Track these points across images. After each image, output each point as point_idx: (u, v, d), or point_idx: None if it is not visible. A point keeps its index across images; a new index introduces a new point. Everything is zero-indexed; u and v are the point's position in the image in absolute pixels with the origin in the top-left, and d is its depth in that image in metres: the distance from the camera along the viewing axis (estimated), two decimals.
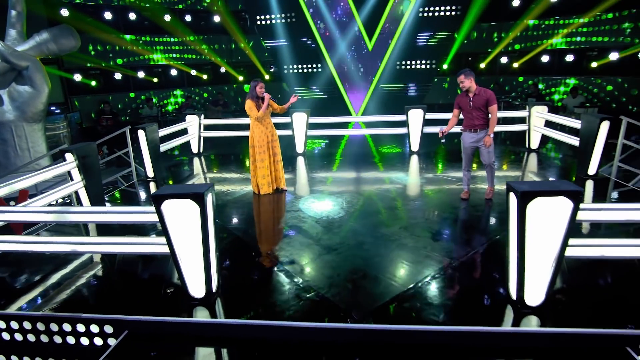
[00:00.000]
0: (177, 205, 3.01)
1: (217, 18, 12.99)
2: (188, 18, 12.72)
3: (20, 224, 4.97)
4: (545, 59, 12.17)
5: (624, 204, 3.27)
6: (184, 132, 8.55)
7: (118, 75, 11.72)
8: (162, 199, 3.00)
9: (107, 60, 11.68)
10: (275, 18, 12.76)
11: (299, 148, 8.39)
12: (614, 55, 10.45)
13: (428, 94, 13.27)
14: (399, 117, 8.52)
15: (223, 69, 13.63)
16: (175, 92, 13.24)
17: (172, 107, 13.19)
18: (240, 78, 13.88)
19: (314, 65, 13.33)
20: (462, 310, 3.13)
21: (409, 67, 13.10)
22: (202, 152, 8.91)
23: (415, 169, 7.21)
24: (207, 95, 14.03)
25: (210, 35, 13.50)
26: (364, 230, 4.55)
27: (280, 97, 13.45)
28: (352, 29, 12.78)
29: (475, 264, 3.85)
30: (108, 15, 11.19)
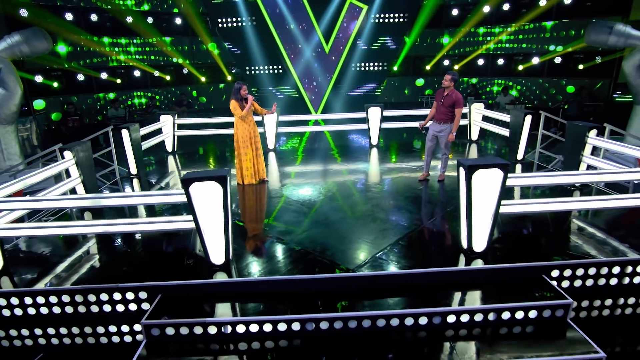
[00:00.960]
0: (203, 187, 3.68)
1: (178, 20, 13.27)
2: (150, 20, 12.87)
3: None
4: (481, 62, 13.82)
5: (536, 173, 4.42)
6: (158, 131, 8.93)
7: (81, 77, 11.67)
8: (190, 182, 3.66)
9: (70, 61, 11.59)
10: (237, 21, 13.30)
11: (270, 144, 9.11)
12: (536, 60, 12.24)
13: (381, 93, 14.47)
14: (360, 114, 9.50)
15: (186, 70, 13.91)
16: (139, 92, 13.34)
17: (136, 107, 13.29)
18: (203, 79, 14.23)
19: (275, 67, 14.03)
20: (428, 259, 4.11)
21: (363, 68, 14.22)
22: (176, 150, 9.34)
23: (377, 160, 8.21)
24: (170, 96, 14.24)
25: (173, 37, 13.73)
26: (343, 208, 5.44)
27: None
28: (310, 33, 13.64)
29: (435, 228, 4.86)
30: (69, 16, 11.13)
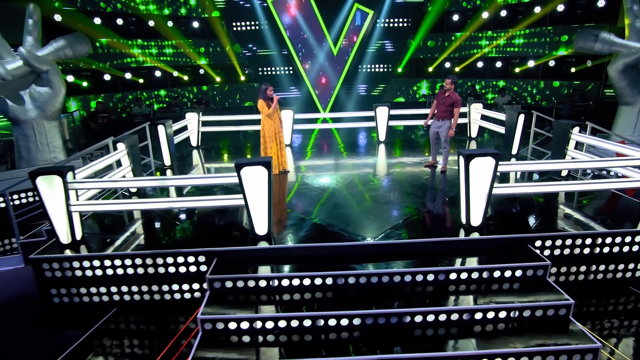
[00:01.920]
0: (251, 170, 4.53)
1: (196, 23, 14.12)
2: (170, 23, 13.72)
3: None
4: (480, 65, 14.68)
5: (521, 162, 5.26)
6: (184, 127, 9.78)
7: (107, 77, 12.53)
8: (241, 166, 4.51)
9: (99, 62, 12.47)
10: (250, 25, 14.16)
11: (286, 140, 9.95)
12: (532, 63, 13.10)
13: (386, 93, 15.34)
14: (368, 113, 10.35)
15: (202, 71, 14.78)
16: (160, 92, 14.22)
17: (157, 106, 14.16)
18: (218, 79, 15.08)
19: (286, 68, 14.89)
20: (434, 231, 4.97)
21: (369, 70, 15.08)
22: (200, 145, 10.19)
23: (385, 154, 9.07)
24: (189, 95, 15.12)
25: (191, 39, 14.59)
26: (360, 193, 6.30)
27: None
28: (319, 36, 14.50)
29: (439, 208, 5.73)
30: (97, 20, 11.99)
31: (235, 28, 14.18)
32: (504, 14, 13.66)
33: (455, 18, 14.66)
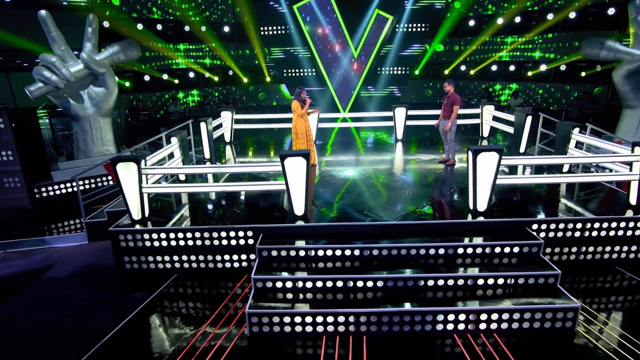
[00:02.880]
0: (293, 161, 5.44)
1: (226, 28, 15.18)
2: (203, 28, 14.81)
3: None
4: (494, 68, 15.34)
5: (521, 157, 6.05)
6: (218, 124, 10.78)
7: (147, 77, 13.68)
8: (285, 157, 5.43)
9: (140, 64, 13.66)
10: (277, 29, 15.14)
11: (313, 136, 10.86)
12: (543, 67, 13.73)
13: (403, 94, 16.13)
14: (387, 113, 11.19)
15: (231, 72, 15.83)
16: (193, 91, 15.36)
17: (191, 104, 15.32)
18: (245, 80, 16.12)
19: (309, 70, 15.82)
20: (445, 214, 5.82)
21: (388, 72, 15.90)
22: (232, 140, 11.19)
23: (403, 151, 9.90)
24: (218, 95, 16.23)
25: (221, 43, 15.66)
26: (380, 183, 7.17)
27: (278, 97, 16.04)
28: (340, 40, 15.37)
29: (452, 196, 6.56)
30: (139, 26, 13.14)
31: (263, 32, 15.17)
32: (518, 20, 14.30)
33: (472, 23, 15.35)
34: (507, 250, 5.12)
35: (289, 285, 4.79)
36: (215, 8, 15.41)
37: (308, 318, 4.38)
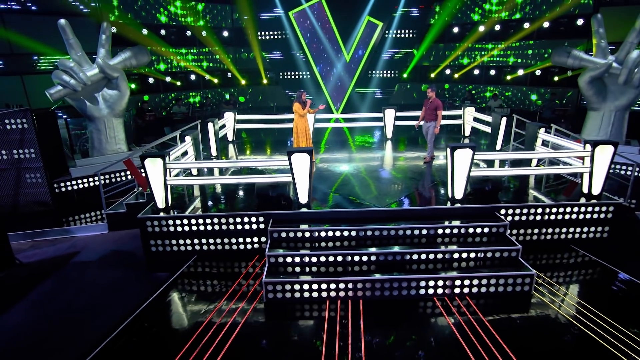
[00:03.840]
0: (298, 156, 6.36)
1: (225, 33, 16.00)
2: (204, 33, 15.61)
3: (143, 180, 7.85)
4: (476, 72, 16.45)
5: (491, 152, 7.08)
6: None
7: (151, 79, 14.43)
8: (292, 153, 6.34)
9: (146, 67, 14.42)
10: (274, 34, 16.02)
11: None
12: (521, 72, 14.88)
13: (392, 97, 17.16)
14: (377, 114, 12.16)
15: (229, 74, 16.66)
16: (193, 93, 16.16)
17: (197, 105, 16.11)
18: (243, 82, 16.96)
19: (303, 73, 16.73)
20: (427, 202, 6.80)
21: (378, 75, 16.89)
22: (235, 139, 12.05)
23: (392, 148, 10.89)
24: (217, 96, 17.04)
25: (221, 47, 16.46)
26: (371, 177, 8.13)
27: (279, 99, 16.94)
28: (333, 45, 16.32)
29: (432, 188, 7.55)
30: (144, 31, 13.90)
31: (261, 37, 16.04)
32: (498, 28, 15.43)
33: (456, 30, 16.44)
34: (478, 231, 6.11)
35: (297, 260, 5.72)
36: (215, 15, 16.22)
37: (314, 285, 5.32)
